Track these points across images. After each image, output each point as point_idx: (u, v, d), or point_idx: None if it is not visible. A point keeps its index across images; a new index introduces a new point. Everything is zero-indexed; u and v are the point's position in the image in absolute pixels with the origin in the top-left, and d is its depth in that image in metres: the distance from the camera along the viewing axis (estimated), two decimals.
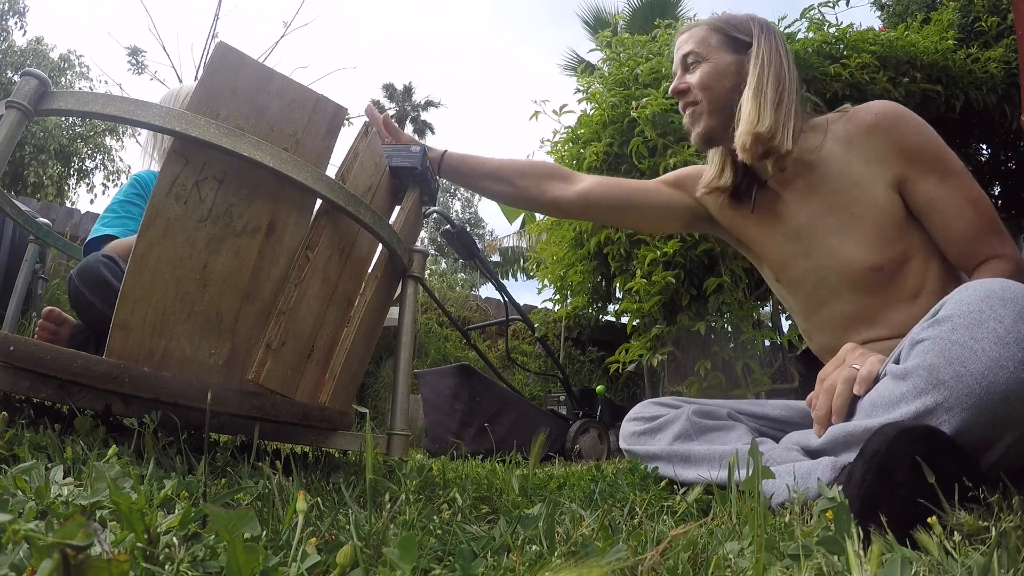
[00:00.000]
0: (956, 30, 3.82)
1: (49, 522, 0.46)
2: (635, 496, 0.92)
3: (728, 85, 1.26)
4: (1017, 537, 0.51)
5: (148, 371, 0.87)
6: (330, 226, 1.05)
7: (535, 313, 4.42)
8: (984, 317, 0.76)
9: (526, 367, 4.95)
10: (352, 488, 0.86)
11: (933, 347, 0.79)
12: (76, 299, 1.38)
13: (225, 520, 0.42)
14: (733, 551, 0.58)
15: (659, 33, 3.61)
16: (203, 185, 0.94)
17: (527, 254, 7.73)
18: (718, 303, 2.90)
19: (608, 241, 3.33)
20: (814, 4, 3.56)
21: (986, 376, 0.73)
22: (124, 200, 1.78)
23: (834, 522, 0.57)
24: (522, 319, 3.18)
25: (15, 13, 11.57)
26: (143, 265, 0.91)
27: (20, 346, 0.82)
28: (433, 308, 5.18)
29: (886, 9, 4.74)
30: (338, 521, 0.66)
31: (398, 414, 1.25)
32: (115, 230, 1.69)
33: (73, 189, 12.04)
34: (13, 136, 0.90)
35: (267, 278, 0.99)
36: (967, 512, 0.61)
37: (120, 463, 0.64)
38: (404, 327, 1.29)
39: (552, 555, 0.56)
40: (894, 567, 0.45)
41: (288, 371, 1.00)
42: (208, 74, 0.98)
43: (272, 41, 23.21)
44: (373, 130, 1.19)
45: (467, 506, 0.85)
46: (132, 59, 11.57)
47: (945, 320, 0.80)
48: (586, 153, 3.34)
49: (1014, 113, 3.61)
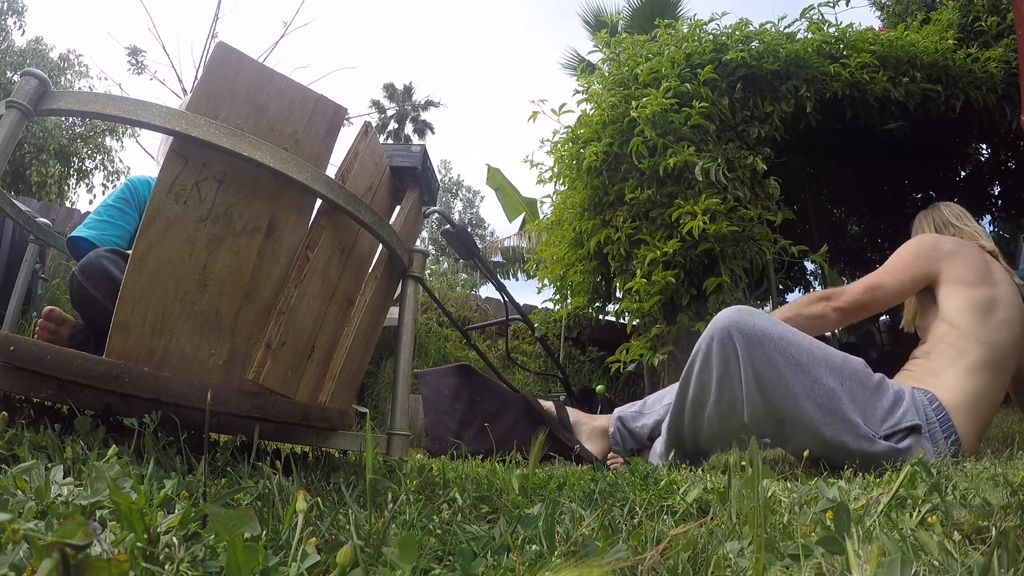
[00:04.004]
0: (956, 30, 3.82)
1: (49, 522, 0.46)
2: (635, 496, 0.92)
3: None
4: (1017, 537, 0.51)
5: (148, 371, 0.87)
6: (330, 226, 1.05)
7: (535, 313, 4.42)
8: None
9: (526, 367, 4.95)
10: (352, 488, 0.86)
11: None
12: (79, 295, 1.38)
13: (225, 520, 0.42)
14: (733, 551, 0.58)
15: (659, 33, 3.61)
16: (203, 185, 0.94)
17: (526, 255, 7.73)
18: (718, 303, 2.90)
19: (608, 241, 3.33)
20: (814, 4, 3.56)
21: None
22: (111, 204, 1.80)
23: (834, 522, 0.57)
24: (522, 319, 3.17)
25: (14, 13, 11.57)
26: (143, 265, 0.91)
27: (20, 346, 0.82)
28: (433, 308, 5.18)
29: (886, 9, 4.74)
30: (338, 521, 0.66)
31: (398, 414, 1.25)
32: (92, 232, 1.71)
33: (73, 189, 12.04)
34: (13, 136, 0.90)
35: (267, 278, 0.99)
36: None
37: (120, 463, 0.64)
38: (404, 327, 1.29)
39: (552, 555, 0.56)
40: (894, 567, 0.45)
41: (288, 371, 1.00)
42: (208, 74, 0.98)
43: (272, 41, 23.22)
44: (373, 130, 1.19)
45: (467, 506, 0.85)
46: (132, 59, 11.57)
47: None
48: (586, 153, 3.34)
49: (1014, 113, 3.61)
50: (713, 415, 1.52)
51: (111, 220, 1.76)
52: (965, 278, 1.61)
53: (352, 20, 49.63)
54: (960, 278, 1.62)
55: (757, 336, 1.44)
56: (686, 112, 3.06)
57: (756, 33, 3.47)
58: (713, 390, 1.49)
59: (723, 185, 2.97)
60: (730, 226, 2.90)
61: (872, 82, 3.39)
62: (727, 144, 3.20)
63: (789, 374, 1.41)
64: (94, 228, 1.73)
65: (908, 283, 1.67)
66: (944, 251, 1.66)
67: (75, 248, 1.72)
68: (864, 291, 1.65)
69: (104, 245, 1.58)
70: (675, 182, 3.10)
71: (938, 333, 1.60)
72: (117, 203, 1.80)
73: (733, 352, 1.44)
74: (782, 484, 1.01)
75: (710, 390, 1.50)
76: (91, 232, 1.71)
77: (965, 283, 1.61)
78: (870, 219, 5.46)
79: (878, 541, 0.53)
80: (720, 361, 1.47)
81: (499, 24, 58.64)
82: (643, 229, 3.14)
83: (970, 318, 1.55)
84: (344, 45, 45.57)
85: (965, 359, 1.52)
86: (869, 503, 0.77)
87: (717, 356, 1.47)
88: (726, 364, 1.46)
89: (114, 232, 1.74)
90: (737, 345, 1.44)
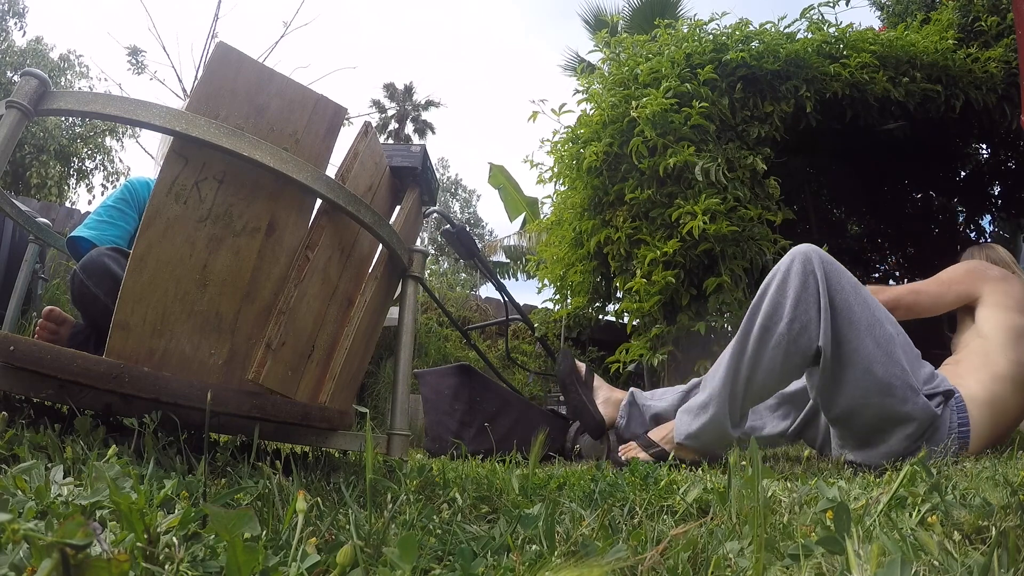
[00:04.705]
0: (956, 30, 3.81)
1: (49, 522, 0.46)
2: (635, 496, 0.92)
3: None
4: (1017, 537, 0.51)
5: (148, 371, 0.87)
6: (330, 226, 1.05)
7: (535, 313, 4.42)
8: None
9: (526, 367, 4.94)
10: (352, 488, 0.86)
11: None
12: (80, 293, 1.38)
13: (225, 520, 0.42)
14: (733, 551, 0.58)
15: (659, 33, 3.60)
16: (203, 185, 0.94)
17: (526, 256, 7.73)
18: (718, 303, 2.90)
19: (608, 241, 3.33)
20: (814, 4, 3.56)
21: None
22: (110, 205, 1.80)
23: (834, 522, 0.57)
24: (522, 319, 3.17)
25: (15, 14, 11.57)
26: (143, 265, 0.91)
27: (20, 346, 0.82)
28: (433, 308, 5.18)
29: (886, 9, 4.73)
30: (338, 521, 0.66)
31: (398, 414, 1.25)
32: (92, 232, 1.71)
33: (73, 189, 12.05)
34: (13, 136, 0.90)
35: (267, 278, 0.99)
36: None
37: (120, 463, 0.64)
38: (404, 327, 1.29)
39: (552, 555, 0.56)
40: (894, 567, 0.45)
41: (288, 371, 1.00)
42: (208, 74, 0.98)
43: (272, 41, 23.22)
44: (373, 130, 1.19)
45: (467, 506, 0.85)
46: (132, 59, 11.58)
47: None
48: (586, 153, 3.34)
49: (1014, 113, 3.61)
50: (781, 342, 1.49)
51: (111, 220, 1.76)
52: (1006, 304, 1.69)
53: (352, 20, 49.64)
54: (1001, 303, 1.70)
55: (835, 264, 1.50)
56: (686, 112, 3.06)
57: (756, 33, 3.47)
58: (787, 311, 1.48)
59: (723, 185, 2.97)
60: (730, 226, 2.90)
61: (872, 82, 3.39)
62: (727, 144, 3.20)
63: (856, 306, 1.46)
64: (94, 228, 1.73)
65: (951, 296, 1.77)
66: (992, 276, 1.77)
67: (75, 248, 1.72)
68: (908, 291, 1.78)
69: (104, 245, 1.58)
70: (675, 182, 3.10)
71: (971, 346, 1.68)
72: (117, 204, 1.80)
73: (812, 274, 1.47)
74: (782, 484, 1.01)
75: (783, 312, 1.49)
76: (91, 232, 1.71)
77: (1005, 308, 1.69)
78: (870, 219, 5.46)
79: (878, 541, 0.53)
80: (799, 281, 1.48)
81: (499, 24, 58.66)
82: (643, 229, 3.13)
83: (1004, 337, 1.63)
84: (344, 45, 45.59)
85: (992, 368, 1.58)
86: (869, 503, 0.77)
87: (797, 276, 1.48)
88: (804, 284, 1.47)
89: (114, 232, 1.74)
90: (816, 267, 1.47)
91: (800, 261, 1.50)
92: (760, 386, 1.56)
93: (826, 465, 1.51)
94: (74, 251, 1.73)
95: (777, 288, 1.51)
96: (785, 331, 1.48)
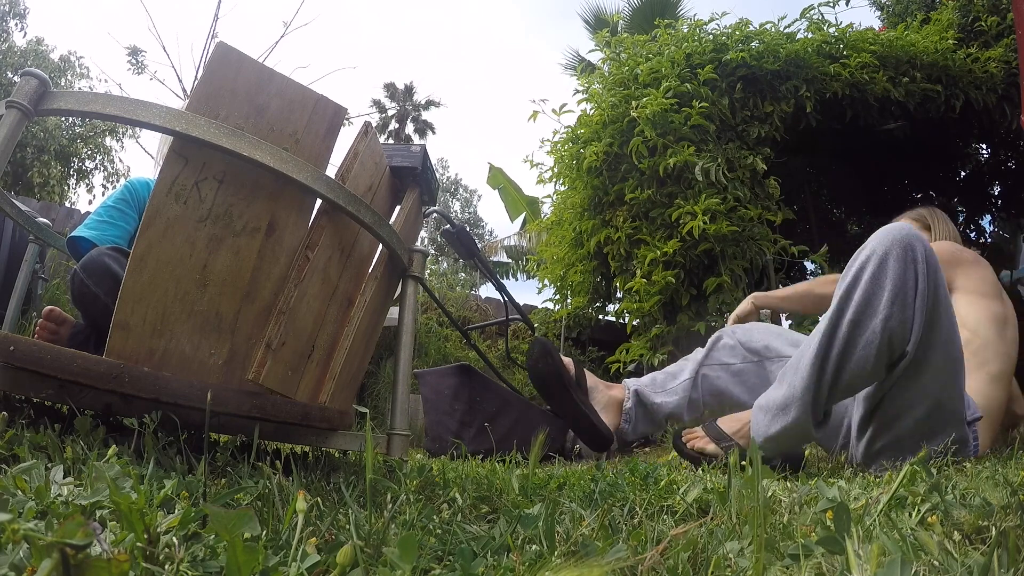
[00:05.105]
0: (956, 30, 3.81)
1: (49, 522, 0.46)
2: (635, 496, 0.92)
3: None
4: (1017, 537, 0.51)
5: (148, 371, 0.87)
6: (330, 226, 1.05)
7: (535, 313, 4.42)
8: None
9: (526, 367, 4.94)
10: (352, 488, 0.86)
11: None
12: (80, 293, 1.38)
13: (225, 520, 0.42)
14: (733, 551, 0.58)
15: (659, 33, 3.61)
16: (203, 185, 0.94)
17: (526, 256, 7.74)
18: (718, 303, 2.90)
19: (608, 241, 3.33)
20: (814, 4, 3.56)
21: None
22: (111, 205, 1.81)
23: (834, 522, 0.57)
24: (522, 319, 3.18)
25: (16, 15, 11.58)
26: (143, 265, 0.91)
27: (20, 346, 0.82)
28: (433, 308, 5.18)
29: (886, 9, 4.73)
30: (338, 521, 0.66)
31: (398, 414, 1.25)
32: (92, 232, 1.71)
33: (73, 189, 12.05)
34: (13, 136, 0.90)
35: (267, 278, 0.99)
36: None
37: (120, 463, 0.64)
38: (404, 327, 1.29)
39: (552, 555, 0.56)
40: (894, 567, 0.45)
41: (288, 371, 1.00)
42: (208, 74, 0.98)
43: (272, 41, 23.22)
44: (373, 130, 1.19)
45: (467, 506, 0.85)
46: (132, 59, 11.58)
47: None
48: (586, 153, 3.34)
49: (1014, 113, 3.61)
50: (873, 340, 1.26)
51: (111, 221, 1.76)
52: (983, 291, 1.61)
53: (352, 20, 49.66)
54: (977, 288, 1.61)
55: (935, 258, 1.26)
56: (686, 112, 3.06)
57: (756, 33, 3.47)
58: (883, 305, 1.25)
59: (723, 185, 2.97)
60: (730, 226, 2.90)
61: (872, 82, 3.39)
62: (727, 144, 3.20)
63: (943, 314, 1.26)
64: (94, 228, 1.73)
65: None
66: (965, 259, 1.67)
67: (75, 248, 1.72)
68: None
69: (104, 245, 1.58)
70: (675, 182, 3.10)
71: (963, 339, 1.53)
72: (117, 204, 1.80)
73: (913, 265, 1.24)
74: (782, 484, 1.01)
75: (878, 306, 1.26)
76: (91, 232, 1.72)
77: (982, 294, 1.60)
78: (870, 219, 5.46)
79: (878, 541, 0.53)
80: (899, 272, 1.25)
81: (499, 24, 58.66)
82: (643, 229, 3.14)
83: (991, 329, 1.56)
84: (344, 45, 45.60)
85: (987, 368, 1.52)
86: (869, 503, 0.77)
87: (896, 266, 1.25)
88: (904, 278, 1.24)
89: (114, 232, 1.74)
90: (920, 259, 1.24)
91: (900, 247, 1.25)
92: (847, 385, 1.34)
93: (826, 465, 1.51)
94: (74, 251, 1.74)
95: (872, 277, 1.27)
96: (880, 328, 1.25)
